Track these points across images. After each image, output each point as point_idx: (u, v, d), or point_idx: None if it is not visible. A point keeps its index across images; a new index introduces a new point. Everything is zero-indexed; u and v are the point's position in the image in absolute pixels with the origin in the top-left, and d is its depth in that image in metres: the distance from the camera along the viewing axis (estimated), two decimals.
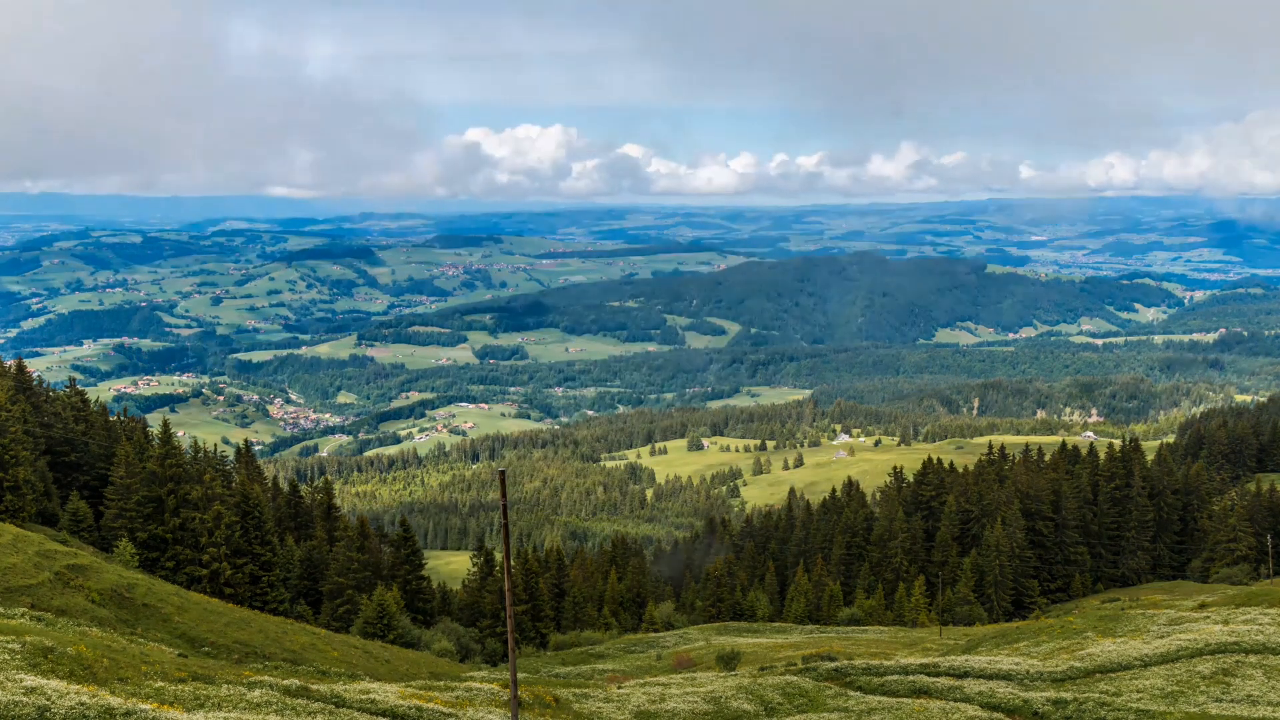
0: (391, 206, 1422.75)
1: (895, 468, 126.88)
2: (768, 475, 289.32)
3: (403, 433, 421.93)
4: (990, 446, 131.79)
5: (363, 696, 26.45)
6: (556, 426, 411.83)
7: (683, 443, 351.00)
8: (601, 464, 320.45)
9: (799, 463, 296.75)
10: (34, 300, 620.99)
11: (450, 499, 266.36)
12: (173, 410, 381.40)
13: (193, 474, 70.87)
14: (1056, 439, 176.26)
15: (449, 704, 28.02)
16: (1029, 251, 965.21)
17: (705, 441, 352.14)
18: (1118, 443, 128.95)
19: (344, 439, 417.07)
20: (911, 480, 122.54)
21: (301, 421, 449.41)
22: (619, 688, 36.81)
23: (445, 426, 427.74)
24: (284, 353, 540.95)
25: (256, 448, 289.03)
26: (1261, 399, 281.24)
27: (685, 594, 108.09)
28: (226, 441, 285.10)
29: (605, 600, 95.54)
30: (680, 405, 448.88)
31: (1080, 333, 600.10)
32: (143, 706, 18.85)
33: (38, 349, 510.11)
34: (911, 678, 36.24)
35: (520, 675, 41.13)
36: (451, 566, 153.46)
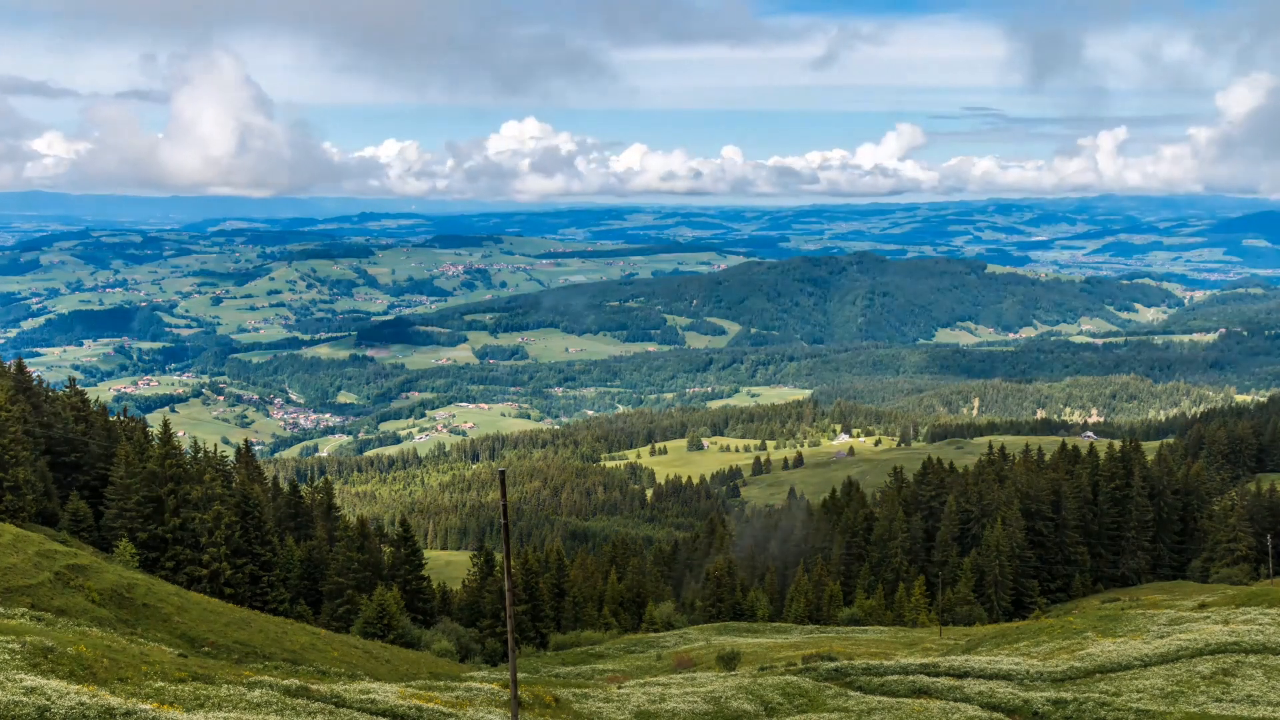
0: (391, 207, 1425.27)
1: (895, 468, 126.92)
2: (768, 475, 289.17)
3: (403, 433, 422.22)
4: (990, 446, 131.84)
5: (363, 696, 26.46)
6: (556, 426, 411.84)
7: (683, 443, 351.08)
8: (601, 464, 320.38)
9: (799, 463, 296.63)
10: (34, 300, 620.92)
11: (450, 499, 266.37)
12: (173, 410, 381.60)
13: (193, 474, 70.85)
14: (1056, 439, 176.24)
15: (449, 704, 28.02)
16: (1029, 251, 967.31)
17: (705, 441, 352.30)
18: (1118, 443, 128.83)
19: (344, 439, 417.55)
20: (911, 480, 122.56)
21: (301, 421, 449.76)
22: (619, 688, 36.80)
23: (445, 426, 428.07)
24: (284, 353, 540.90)
25: (256, 448, 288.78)
26: (1261, 399, 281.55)
27: (685, 594, 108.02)
28: (226, 441, 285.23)
29: (605, 600, 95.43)
30: (680, 405, 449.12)
31: (1080, 333, 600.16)
32: (143, 706, 18.87)
33: (38, 349, 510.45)
34: (911, 678, 36.24)
35: (520, 675, 41.11)
36: (452, 567, 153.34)
